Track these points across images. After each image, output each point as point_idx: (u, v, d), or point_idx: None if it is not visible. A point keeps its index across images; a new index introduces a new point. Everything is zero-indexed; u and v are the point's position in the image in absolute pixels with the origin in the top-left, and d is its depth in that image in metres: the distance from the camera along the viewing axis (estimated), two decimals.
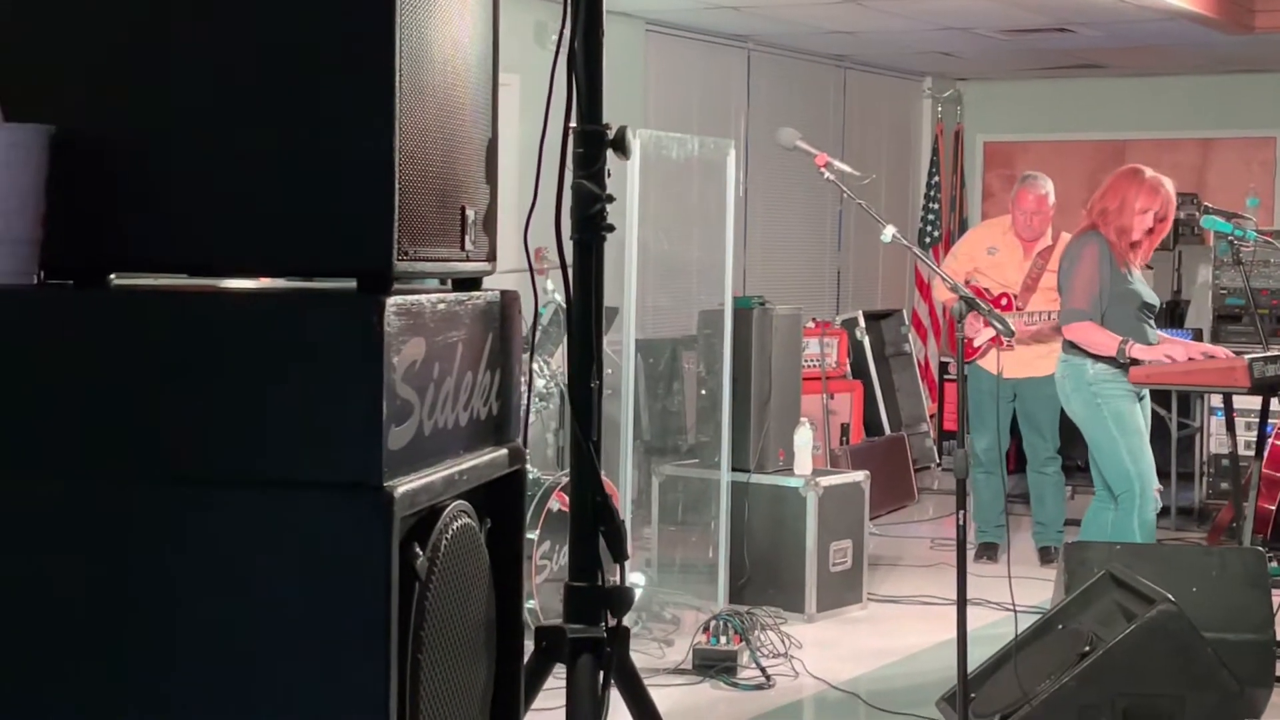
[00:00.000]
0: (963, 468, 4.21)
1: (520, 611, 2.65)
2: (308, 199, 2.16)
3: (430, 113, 2.27)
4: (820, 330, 9.07)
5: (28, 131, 2.18)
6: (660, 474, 6.89)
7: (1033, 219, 7.69)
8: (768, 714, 5.24)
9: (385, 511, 2.07)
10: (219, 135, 2.19)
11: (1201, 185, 11.34)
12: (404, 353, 2.13)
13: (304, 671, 2.07)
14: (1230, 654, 4.66)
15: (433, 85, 2.28)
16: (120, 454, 2.12)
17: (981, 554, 7.66)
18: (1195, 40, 9.80)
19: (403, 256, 2.17)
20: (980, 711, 4.50)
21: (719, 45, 10.05)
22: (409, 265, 2.20)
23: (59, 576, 2.12)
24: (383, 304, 2.08)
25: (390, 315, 2.09)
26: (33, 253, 2.21)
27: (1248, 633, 5.05)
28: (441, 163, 2.32)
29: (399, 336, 2.12)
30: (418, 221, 2.23)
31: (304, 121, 2.16)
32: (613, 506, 2.78)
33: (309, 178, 2.16)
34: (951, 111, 12.27)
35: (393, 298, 2.11)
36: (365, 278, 2.16)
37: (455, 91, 2.38)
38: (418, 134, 2.22)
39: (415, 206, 2.22)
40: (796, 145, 4.76)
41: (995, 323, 4.59)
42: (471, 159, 2.46)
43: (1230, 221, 6.19)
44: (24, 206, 2.18)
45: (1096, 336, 5.92)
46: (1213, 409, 8.77)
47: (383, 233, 2.14)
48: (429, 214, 2.28)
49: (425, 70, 2.25)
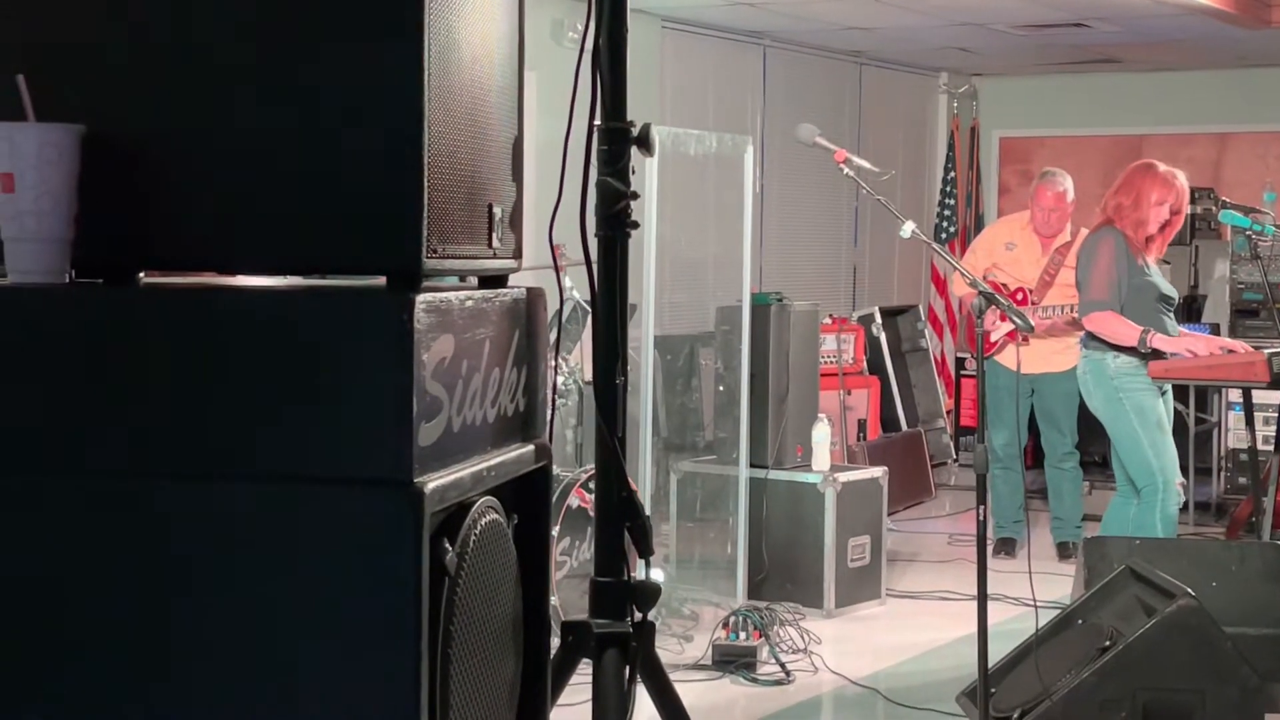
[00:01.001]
0: (983, 463, 4.21)
1: (547, 606, 2.66)
2: (337, 198, 2.16)
3: (458, 112, 2.28)
4: (837, 326, 9.06)
5: (59, 131, 2.19)
6: (678, 470, 6.90)
7: (1051, 215, 7.69)
8: (788, 709, 5.25)
9: (416, 507, 2.07)
10: (249, 135, 2.19)
11: (1218, 180, 11.32)
12: (433, 350, 2.14)
13: (336, 666, 2.08)
14: (1250, 648, 4.65)
15: (460, 84, 2.29)
16: (153, 450, 2.13)
17: (999, 549, 7.66)
18: (1212, 35, 9.78)
19: (432, 254, 2.17)
20: (1001, 707, 4.50)
21: (735, 42, 10.04)
22: (438, 263, 2.20)
23: (97, 570, 2.14)
24: (413, 302, 2.08)
25: (420, 313, 2.09)
26: (64, 251, 2.22)
27: (1268, 627, 5.05)
28: (469, 161, 2.33)
29: (428, 334, 2.12)
30: (446, 220, 2.23)
31: (334, 122, 2.16)
32: (638, 502, 2.79)
33: (339, 177, 2.16)
34: (967, 107, 12.25)
35: (422, 295, 2.11)
36: (395, 276, 2.16)
37: (482, 90, 2.39)
38: (446, 133, 2.22)
39: (444, 205, 2.22)
40: (816, 142, 4.77)
41: (1015, 318, 4.59)
42: (498, 157, 2.47)
43: (1248, 216, 6.19)
44: (56, 206, 2.19)
45: (1117, 327, 5.93)
46: (1231, 404, 8.76)
47: (412, 231, 2.14)
48: (457, 212, 2.28)
49: (453, 69, 2.26)
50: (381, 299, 2.13)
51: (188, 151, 2.22)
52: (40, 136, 2.18)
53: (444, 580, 2.19)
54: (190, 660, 2.11)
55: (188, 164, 2.22)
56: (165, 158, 2.22)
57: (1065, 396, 7.44)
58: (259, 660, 2.10)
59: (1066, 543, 7.62)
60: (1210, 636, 4.43)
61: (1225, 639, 4.46)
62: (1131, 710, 4.35)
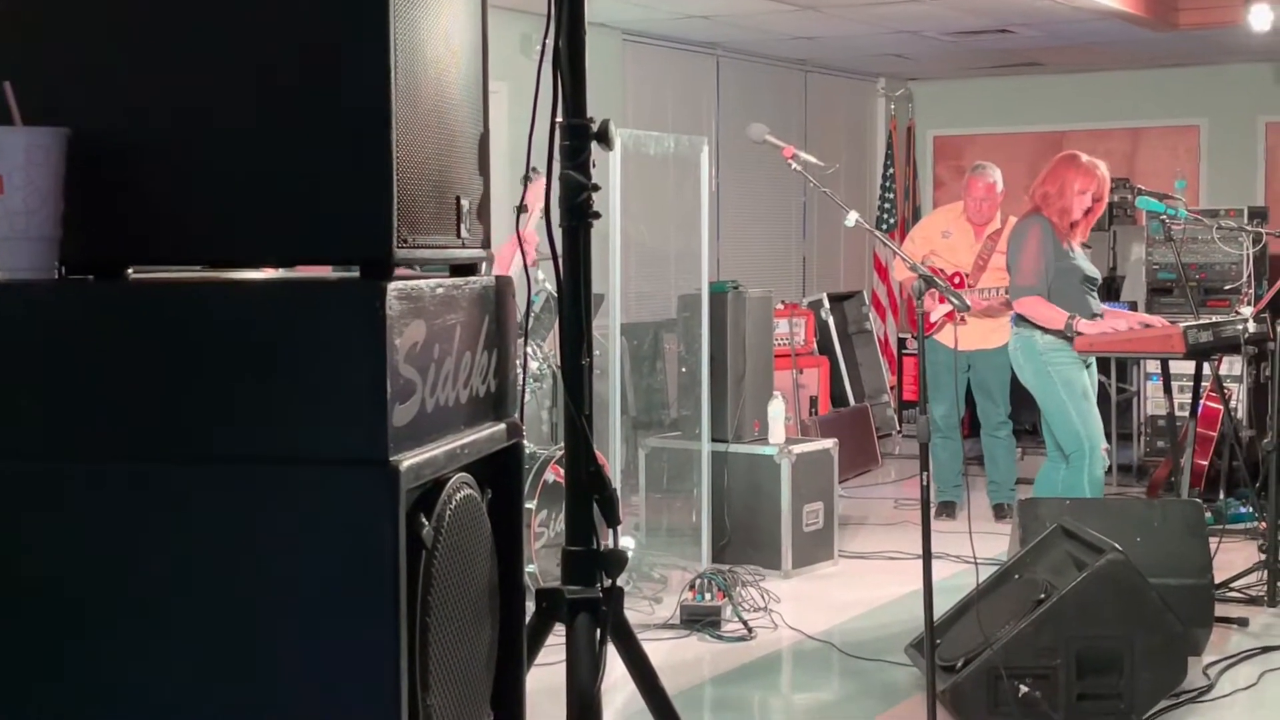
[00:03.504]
0: (925, 433, 4.16)
1: (521, 576, 2.58)
2: (313, 193, 2.08)
3: (425, 109, 2.20)
4: (789, 311, 9.02)
5: (46, 134, 2.09)
6: (646, 446, 6.85)
7: (982, 205, 7.69)
8: (751, 663, 5.19)
9: (392, 484, 2.00)
10: (227, 134, 2.11)
11: (1133, 171, 11.30)
12: (405, 335, 2.06)
13: (317, 639, 2.00)
14: (1173, 597, 4.62)
15: (426, 82, 2.20)
16: (141, 438, 2.04)
17: (941, 512, 7.62)
18: (1125, 38, 9.75)
19: (402, 244, 2.10)
20: (945, 656, 4.45)
21: (691, 52, 9.97)
22: (409, 253, 2.13)
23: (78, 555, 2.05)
24: (384, 289, 2.00)
25: (391, 300, 2.02)
26: (53, 249, 2.13)
27: (1188, 578, 5.02)
28: (437, 155, 2.24)
29: (400, 320, 2.04)
30: (416, 211, 2.15)
31: (307, 119, 2.08)
32: (605, 476, 2.71)
33: (314, 172, 2.07)
34: (904, 109, 12.21)
35: (394, 283, 2.03)
36: (368, 265, 2.09)
37: (448, 86, 2.30)
38: (413, 129, 2.14)
39: (413, 197, 2.14)
40: (766, 139, 4.68)
41: (951, 298, 4.52)
42: (465, 152, 2.38)
43: (1163, 202, 6.15)
44: (44, 205, 2.10)
45: (1045, 311, 5.89)
46: (1149, 374, 8.74)
47: (383, 222, 2.06)
48: (426, 204, 2.20)
49: (419, 69, 2.17)
50: (355, 288, 2.05)
51: (170, 150, 2.12)
52: (27, 140, 2.09)
53: (421, 553, 2.11)
54: (171, 640, 2.02)
55: (170, 163, 2.12)
56: (149, 157, 2.13)
57: (999, 371, 7.41)
58: (241, 638, 2.01)
59: (1002, 504, 7.59)
60: (1136, 588, 4.40)
61: (1150, 590, 4.42)
62: (1065, 657, 4.31)
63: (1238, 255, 8.95)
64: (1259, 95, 11.15)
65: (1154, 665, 4.36)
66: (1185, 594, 4.90)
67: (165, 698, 2.03)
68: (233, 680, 2.02)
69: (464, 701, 2.28)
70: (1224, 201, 10.15)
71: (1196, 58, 10.84)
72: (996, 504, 7.69)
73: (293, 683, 2.01)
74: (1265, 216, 9.48)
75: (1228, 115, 11.30)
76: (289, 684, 2.01)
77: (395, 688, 1.99)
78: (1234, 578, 5.85)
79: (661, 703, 2.78)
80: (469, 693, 2.31)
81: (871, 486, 8.85)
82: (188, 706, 2.02)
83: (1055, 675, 4.30)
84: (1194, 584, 5.02)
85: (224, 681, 2.02)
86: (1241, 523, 7.09)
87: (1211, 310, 7.93)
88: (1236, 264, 8.96)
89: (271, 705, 2.01)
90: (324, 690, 2.00)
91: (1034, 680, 4.30)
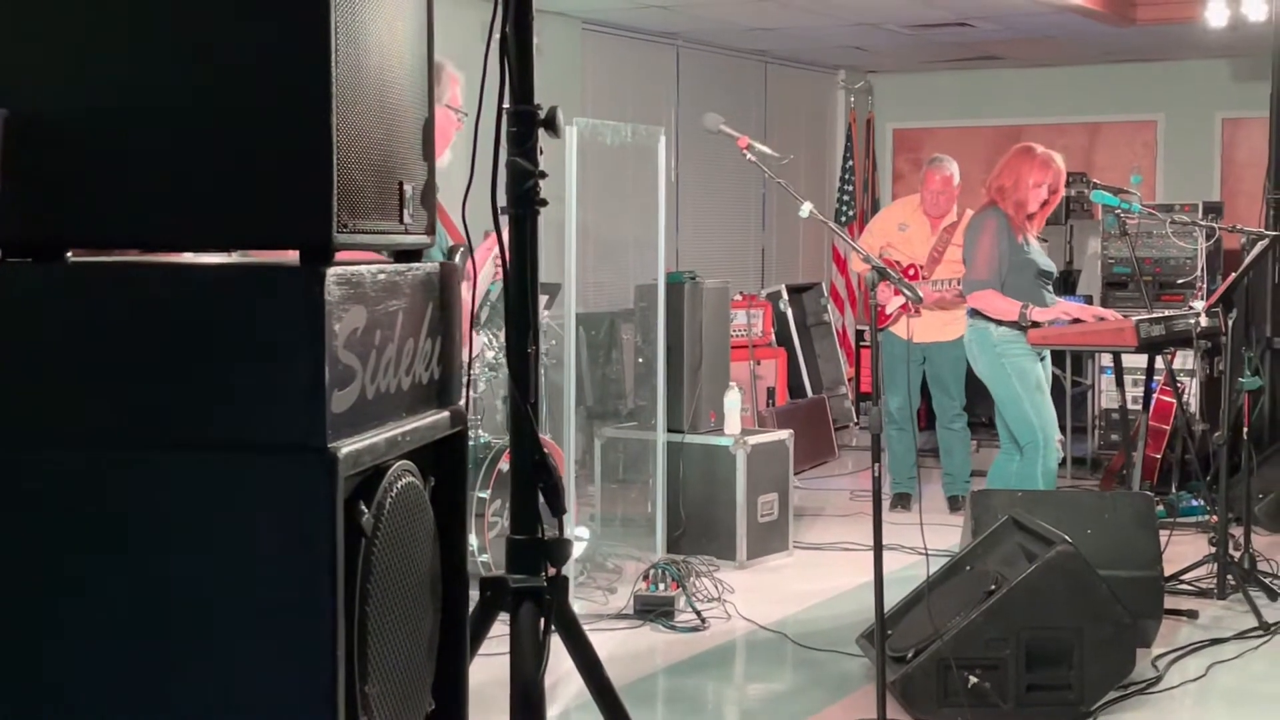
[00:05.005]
0: (877, 424, 4.15)
1: (464, 563, 2.56)
2: (253, 177, 2.06)
3: (367, 94, 2.17)
4: (747, 302, 9.02)
5: None
6: (602, 436, 6.83)
7: (939, 198, 7.70)
8: (704, 653, 5.19)
9: (329, 471, 1.98)
10: (168, 117, 2.09)
11: (1090, 165, 11.35)
12: (345, 320, 2.04)
13: (253, 625, 1.98)
14: (1123, 589, 4.64)
15: (368, 68, 2.18)
16: (75, 421, 2.03)
17: (896, 503, 7.64)
18: (1082, 32, 9.79)
19: (342, 229, 2.08)
20: (897, 646, 4.46)
21: (650, 42, 9.94)
22: (348, 238, 2.11)
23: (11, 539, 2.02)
24: (323, 274, 1.99)
25: (331, 285, 2.00)
26: None
27: (1138, 570, 5.04)
28: (379, 140, 2.22)
29: (340, 305, 2.03)
30: (357, 196, 2.13)
31: (247, 103, 2.06)
32: (550, 464, 2.70)
33: (253, 156, 2.06)
34: (863, 101, 12.21)
35: (333, 269, 2.01)
36: (307, 250, 2.07)
37: (390, 72, 2.28)
38: (355, 113, 2.12)
39: (353, 182, 2.12)
40: (720, 129, 4.67)
41: (905, 290, 4.52)
42: (408, 137, 2.36)
43: (1118, 196, 6.16)
44: None
45: (998, 303, 5.91)
46: (1103, 367, 8.79)
47: (322, 207, 2.04)
48: (368, 189, 2.18)
49: (361, 54, 2.15)
50: (293, 272, 2.03)
51: (111, 136, 2.10)
52: None
53: (360, 541, 2.09)
54: (106, 624, 2.00)
55: (112, 148, 2.10)
56: (90, 142, 2.11)
57: (954, 363, 7.43)
58: (176, 619, 1.99)
59: (956, 496, 7.61)
60: (1086, 579, 4.41)
61: (1100, 581, 4.44)
62: (1015, 647, 4.32)
63: (1192, 250, 9.00)
64: (1216, 91, 11.22)
65: (1103, 656, 4.37)
66: (1135, 586, 4.92)
67: (96, 683, 2.00)
68: (163, 668, 1.99)
69: (404, 690, 2.26)
70: (1180, 196, 10.20)
71: (1154, 53, 10.89)
72: (950, 496, 7.71)
73: (227, 671, 1.99)
74: (1220, 211, 9.54)
75: (1185, 111, 11.36)
76: (222, 672, 1.99)
77: (332, 676, 1.98)
78: (1184, 570, 5.88)
79: (606, 692, 2.77)
80: (409, 681, 2.29)
81: (828, 478, 8.86)
82: (119, 692, 2.00)
83: (1005, 666, 4.32)
84: (1144, 576, 5.04)
85: (154, 668, 1.99)
86: (1193, 516, 7.13)
87: (1165, 304, 7.98)
88: (1191, 259, 9.01)
89: (206, 693, 1.99)
90: (260, 679, 1.98)
91: (984, 671, 4.31)
